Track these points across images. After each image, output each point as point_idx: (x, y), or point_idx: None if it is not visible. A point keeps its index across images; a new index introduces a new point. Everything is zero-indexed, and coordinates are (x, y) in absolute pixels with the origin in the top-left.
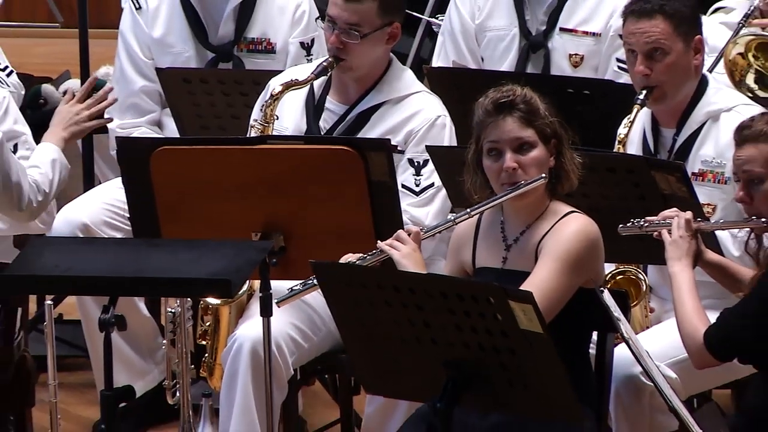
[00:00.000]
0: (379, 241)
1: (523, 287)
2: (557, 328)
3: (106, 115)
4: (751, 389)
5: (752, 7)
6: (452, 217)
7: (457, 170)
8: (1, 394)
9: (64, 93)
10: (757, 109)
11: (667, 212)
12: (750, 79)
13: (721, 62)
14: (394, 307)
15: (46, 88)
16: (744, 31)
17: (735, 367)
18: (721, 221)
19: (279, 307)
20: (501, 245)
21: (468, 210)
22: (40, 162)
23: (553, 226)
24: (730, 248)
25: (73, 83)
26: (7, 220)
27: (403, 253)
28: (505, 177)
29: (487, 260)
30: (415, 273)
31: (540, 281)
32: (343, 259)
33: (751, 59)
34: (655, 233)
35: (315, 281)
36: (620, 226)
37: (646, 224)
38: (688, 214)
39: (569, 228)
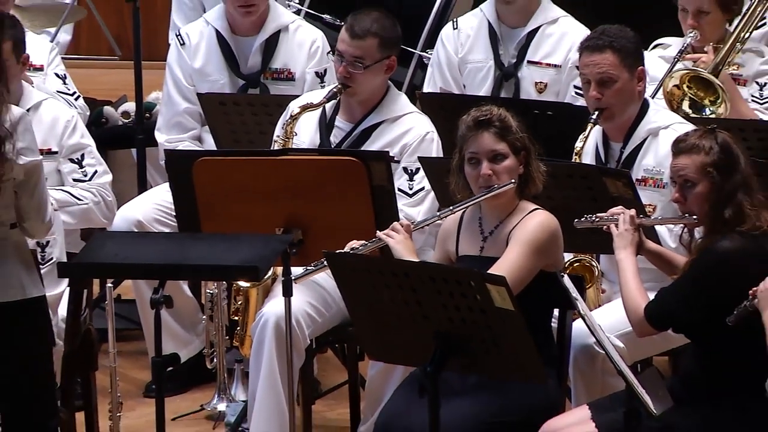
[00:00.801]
0: (378, 231)
1: (494, 266)
2: (526, 306)
3: (156, 133)
4: (684, 357)
5: (685, 45)
6: (439, 214)
7: (443, 176)
8: (70, 360)
9: (122, 113)
10: (689, 127)
11: (614, 209)
12: (685, 105)
13: (661, 90)
14: (392, 289)
15: (107, 109)
16: (679, 66)
17: (671, 337)
18: (659, 217)
19: (296, 283)
20: (479, 237)
21: (451, 207)
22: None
23: (521, 221)
24: (667, 240)
25: (129, 106)
26: (76, 216)
27: (396, 241)
28: (482, 181)
29: (468, 249)
30: (410, 261)
31: (509, 262)
32: (348, 245)
33: (686, 89)
34: (605, 227)
35: (324, 263)
36: (575, 220)
37: (597, 219)
38: (632, 211)
39: (534, 220)
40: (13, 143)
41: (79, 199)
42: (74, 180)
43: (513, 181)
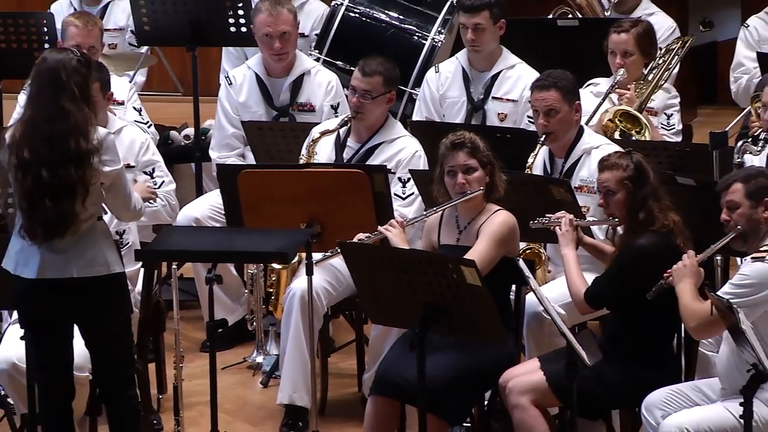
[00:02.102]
0: (379, 226)
1: (468, 254)
2: (490, 283)
3: (210, 151)
4: (609, 321)
5: (616, 80)
6: (425, 213)
7: (428, 184)
8: (144, 324)
9: (184, 136)
10: (614, 147)
11: (558, 214)
12: (616, 135)
13: (594, 119)
14: (389, 270)
15: (173, 133)
16: (607, 104)
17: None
18: (591, 219)
19: (316, 265)
20: (456, 230)
21: (434, 208)
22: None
23: (488, 218)
24: (598, 234)
25: (189, 131)
26: (147, 215)
27: (393, 233)
28: (458, 189)
29: (447, 239)
30: (403, 249)
31: (479, 251)
32: (357, 236)
33: (618, 123)
34: (552, 228)
35: (338, 250)
36: (531, 222)
37: (546, 221)
38: (571, 216)
39: (498, 218)
40: (99, 156)
41: (151, 204)
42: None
43: (481, 188)
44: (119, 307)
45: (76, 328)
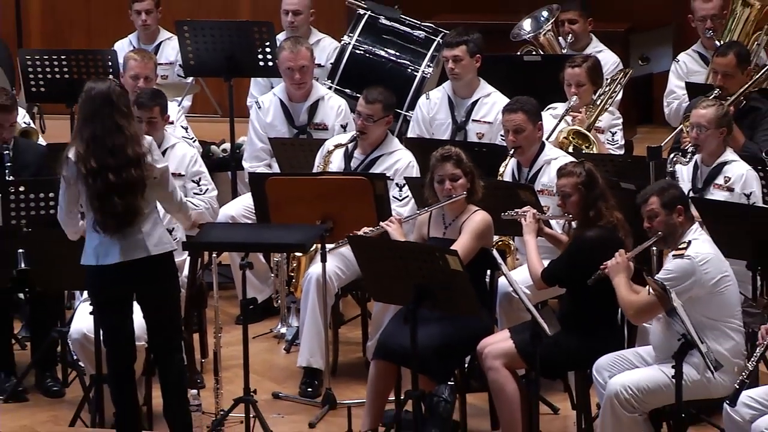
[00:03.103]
0: (380, 222)
1: (454, 246)
2: (470, 269)
3: (243, 162)
4: (564, 300)
5: (570, 105)
6: (418, 212)
7: (419, 189)
8: (190, 301)
9: (222, 150)
10: (569, 159)
11: (524, 208)
12: (570, 149)
13: (553, 136)
14: (388, 258)
15: (213, 148)
16: (563, 124)
17: (557, 290)
18: (550, 215)
19: (329, 253)
20: (442, 226)
21: (426, 208)
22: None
23: (469, 216)
24: (556, 227)
25: (226, 146)
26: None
27: (392, 228)
28: (445, 193)
29: (435, 233)
30: (399, 240)
31: (462, 243)
32: (361, 230)
33: (571, 140)
34: (519, 219)
35: (347, 242)
36: (502, 213)
37: (514, 214)
38: (534, 210)
39: (477, 217)
40: (151, 156)
41: (196, 206)
42: (194, 194)
43: (464, 193)
44: (174, 278)
45: (136, 307)
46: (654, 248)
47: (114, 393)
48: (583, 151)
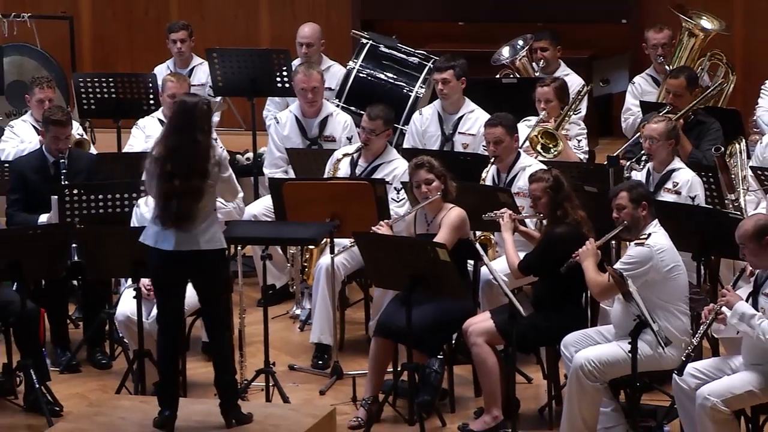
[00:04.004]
0: (372, 227)
1: (436, 239)
2: (456, 259)
3: (264, 169)
4: (537, 285)
5: (539, 120)
6: (403, 215)
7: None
8: (222, 287)
9: (246, 158)
10: (541, 166)
11: (501, 210)
12: (539, 147)
13: (526, 143)
14: (387, 250)
15: (238, 156)
16: (534, 124)
17: (532, 278)
18: (524, 215)
19: (342, 250)
20: (425, 223)
21: (408, 211)
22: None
23: (445, 213)
24: (530, 225)
25: (249, 154)
26: (224, 214)
27: (382, 231)
28: (422, 196)
29: (420, 230)
30: (395, 236)
31: (442, 237)
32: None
33: (540, 139)
34: (497, 219)
35: (354, 243)
36: (483, 215)
37: (494, 215)
38: (510, 211)
39: (452, 213)
40: (218, 167)
41: (225, 206)
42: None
43: (438, 194)
44: (223, 270)
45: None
46: (613, 242)
47: (160, 363)
48: (551, 152)
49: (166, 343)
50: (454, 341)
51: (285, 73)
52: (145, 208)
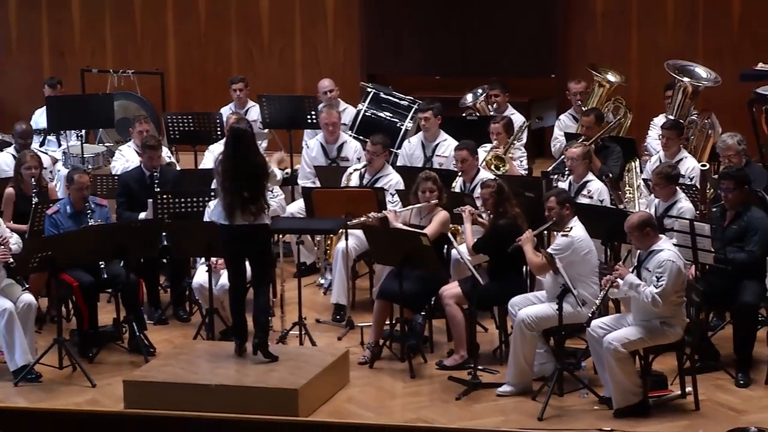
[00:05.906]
0: (383, 210)
1: (425, 230)
2: (435, 245)
3: (298, 180)
4: (491, 261)
5: (491, 147)
6: (407, 208)
7: (404, 197)
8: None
9: (284, 173)
10: (490, 175)
11: (463, 207)
12: (492, 167)
13: (483, 162)
14: (386, 238)
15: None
16: (489, 150)
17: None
18: (480, 211)
19: (352, 231)
20: (420, 218)
21: (412, 206)
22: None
23: (436, 213)
24: (485, 218)
25: (288, 170)
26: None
27: (391, 216)
28: (424, 199)
29: (415, 221)
30: (393, 227)
31: (431, 229)
32: (370, 213)
33: (493, 160)
34: (461, 213)
35: (368, 219)
36: (453, 209)
37: (459, 210)
38: (471, 208)
39: (441, 214)
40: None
41: (270, 206)
42: (271, 198)
43: (435, 200)
44: (266, 242)
45: None
46: (546, 231)
47: (233, 310)
48: (500, 169)
49: (237, 296)
50: (433, 302)
51: (313, 113)
52: (212, 209)
